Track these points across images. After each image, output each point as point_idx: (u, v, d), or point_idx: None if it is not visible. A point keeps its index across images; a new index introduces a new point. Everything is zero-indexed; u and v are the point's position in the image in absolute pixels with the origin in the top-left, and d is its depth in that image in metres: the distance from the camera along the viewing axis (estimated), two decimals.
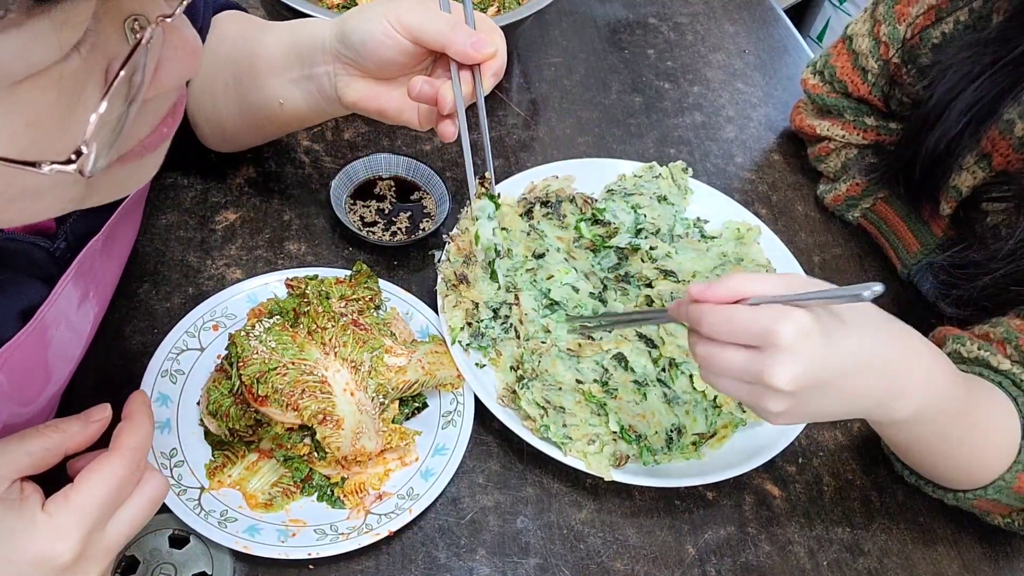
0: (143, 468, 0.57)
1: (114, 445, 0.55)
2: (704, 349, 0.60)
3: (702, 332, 0.60)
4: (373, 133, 1.06)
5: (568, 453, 0.76)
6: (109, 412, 0.57)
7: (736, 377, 0.60)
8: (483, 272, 0.84)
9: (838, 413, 0.64)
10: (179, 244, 0.90)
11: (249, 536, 0.68)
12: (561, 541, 0.75)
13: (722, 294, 0.59)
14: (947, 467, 0.74)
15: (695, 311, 0.60)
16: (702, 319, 0.59)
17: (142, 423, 0.57)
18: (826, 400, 0.60)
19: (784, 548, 0.77)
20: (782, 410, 0.59)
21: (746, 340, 0.58)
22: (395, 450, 0.76)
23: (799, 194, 1.10)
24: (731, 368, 0.59)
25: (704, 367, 0.61)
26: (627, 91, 1.19)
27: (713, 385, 0.63)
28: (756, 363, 0.57)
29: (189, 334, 0.80)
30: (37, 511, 0.52)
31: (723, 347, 0.59)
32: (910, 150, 0.90)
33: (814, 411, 0.63)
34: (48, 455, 0.54)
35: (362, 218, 0.93)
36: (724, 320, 0.58)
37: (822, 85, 1.05)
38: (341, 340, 0.74)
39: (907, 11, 0.93)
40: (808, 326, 0.56)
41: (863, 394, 0.62)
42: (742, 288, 0.58)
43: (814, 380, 0.57)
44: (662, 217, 0.94)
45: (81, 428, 0.56)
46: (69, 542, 0.51)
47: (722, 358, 0.59)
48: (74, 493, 0.53)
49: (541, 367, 0.80)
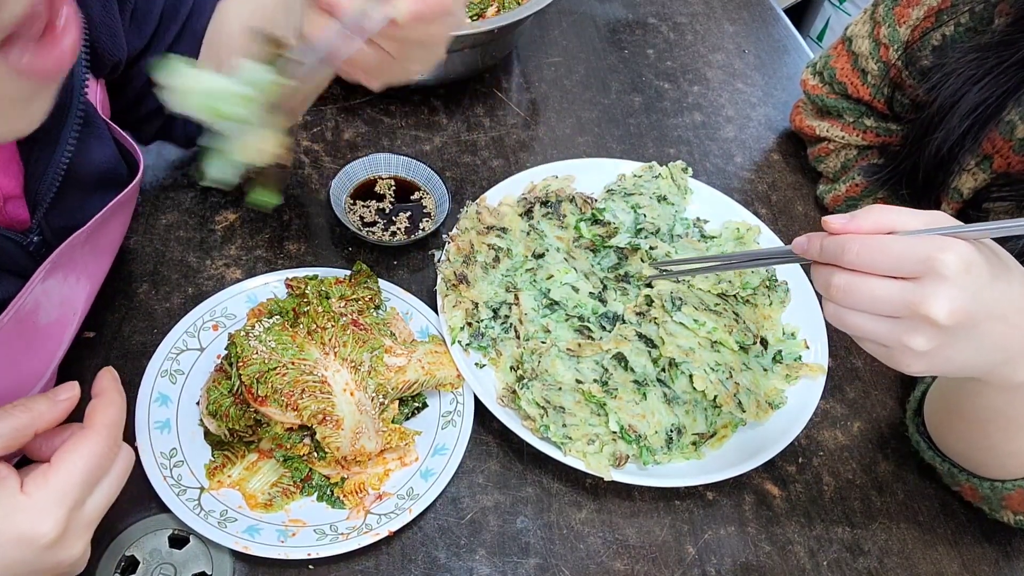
0: (119, 444, 0.57)
1: (88, 423, 0.56)
2: (845, 279, 0.56)
3: (845, 262, 0.56)
4: (373, 133, 1.06)
5: (568, 453, 0.76)
6: (77, 390, 0.57)
7: (880, 311, 0.56)
8: None
9: (972, 365, 0.60)
10: (179, 244, 0.90)
11: (249, 536, 0.68)
12: (561, 541, 0.75)
13: (868, 225, 0.56)
14: (1011, 450, 0.71)
15: (836, 241, 0.57)
16: (847, 248, 0.56)
17: (113, 400, 0.57)
18: (969, 345, 0.57)
19: (784, 548, 0.77)
20: (928, 349, 0.56)
21: (902, 270, 0.55)
22: (395, 450, 0.76)
23: (799, 194, 1.10)
24: (878, 300, 0.56)
25: (843, 300, 0.57)
26: (627, 91, 1.19)
27: (844, 324, 0.59)
28: (911, 293, 0.54)
29: (189, 334, 0.80)
30: (16, 492, 0.52)
31: (869, 278, 0.56)
32: (913, 153, 0.90)
33: (954, 357, 0.58)
34: (18, 435, 0.54)
35: (362, 218, 0.93)
36: (878, 248, 0.55)
37: (822, 86, 1.05)
38: (341, 340, 0.74)
39: (907, 13, 0.93)
40: (972, 257, 0.54)
41: (1003, 345, 0.58)
42: (888, 220, 0.56)
43: (971, 316, 0.54)
44: (662, 217, 0.94)
45: (49, 407, 0.55)
46: (52, 521, 0.52)
47: (868, 288, 0.56)
48: (53, 473, 0.53)
49: (541, 367, 0.80)
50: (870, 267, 0.56)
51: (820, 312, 0.90)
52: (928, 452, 0.80)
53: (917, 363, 0.58)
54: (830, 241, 0.58)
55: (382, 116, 1.08)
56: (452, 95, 1.13)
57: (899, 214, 0.56)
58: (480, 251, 0.88)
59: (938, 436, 0.79)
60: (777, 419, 0.81)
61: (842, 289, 0.57)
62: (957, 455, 0.77)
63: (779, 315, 0.91)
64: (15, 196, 0.62)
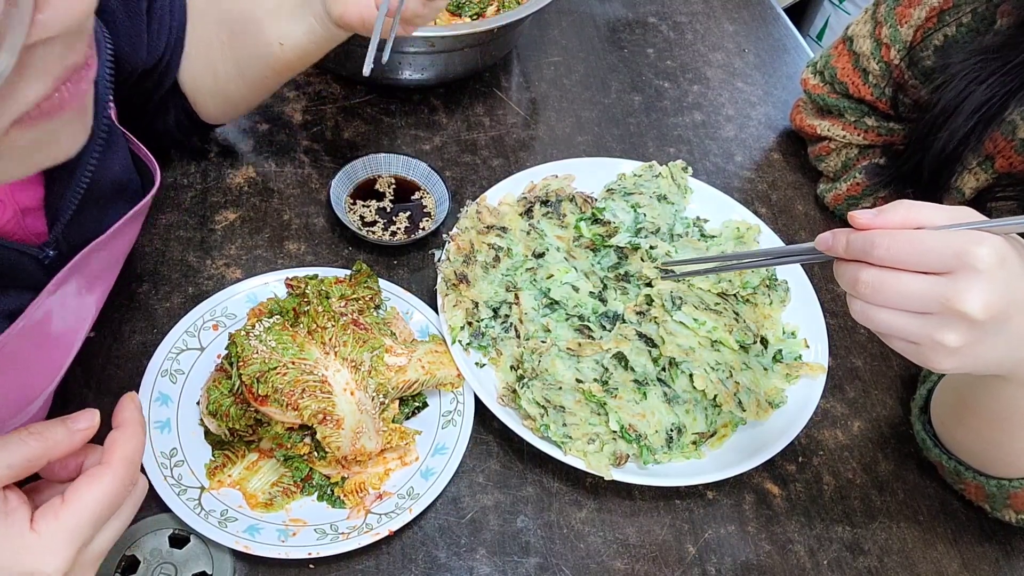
0: (135, 480, 0.54)
1: (107, 457, 0.52)
2: (875, 275, 0.56)
3: (874, 257, 0.56)
4: (373, 132, 1.06)
5: (568, 452, 0.76)
6: (97, 420, 0.53)
7: (911, 308, 0.56)
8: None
9: (1001, 362, 0.59)
10: (179, 244, 0.90)
11: (249, 536, 0.68)
12: (561, 540, 0.75)
13: (896, 221, 0.55)
14: (1022, 448, 0.71)
15: (864, 237, 0.56)
16: (876, 243, 0.55)
17: (135, 433, 0.54)
18: (1000, 341, 0.56)
19: (784, 547, 0.77)
20: (960, 345, 0.55)
21: (933, 265, 0.54)
22: (395, 449, 0.76)
23: (799, 193, 1.10)
24: (909, 295, 0.55)
25: (872, 297, 0.57)
26: (627, 90, 1.19)
27: (872, 321, 0.58)
28: (943, 288, 0.53)
29: (189, 334, 0.80)
30: (26, 528, 0.49)
31: (899, 274, 0.55)
32: (916, 153, 0.90)
33: (985, 354, 0.57)
34: (30, 465, 0.50)
35: (362, 217, 0.93)
36: (908, 242, 0.54)
37: (822, 85, 1.05)
38: (341, 339, 0.74)
39: (909, 12, 0.93)
40: (1005, 252, 0.53)
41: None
42: (915, 216, 0.55)
43: (1005, 311, 0.54)
44: (662, 216, 0.94)
45: (66, 436, 0.52)
46: (60, 560, 0.49)
47: (899, 284, 0.55)
48: (65, 511, 0.50)
49: (541, 366, 0.80)
50: (900, 262, 0.55)
51: (820, 311, 0.90)
52: (934, 450, 0.80)
53: (948, 360, 0.57)
54: (857, 236, 0.57)
55: (382, 115, 1.08)
56: (452, 94, 1.13)
57: (926, 209, 0.56)
58: (480, 250, 0.88)
59: (946, 433, 0.79)
60: (777, 418, 0.81)
61: (871, 285, 0.56)
62: (965, 452, 0.77)
63: (779, 314, 0.91)
64: (34, 208, 0.61)
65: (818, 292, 0.91)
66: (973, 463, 0.76)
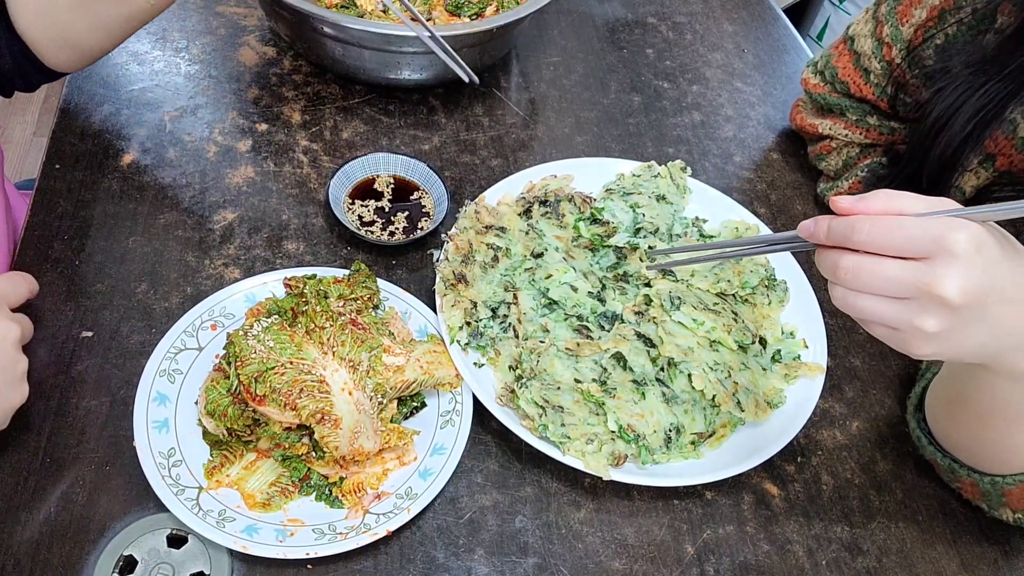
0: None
1: None
2: (855, 260, 0.57)
3: (855, 242, 0.57)
4: (371, 132, 1.06)
5: (567, 452, 0.76)
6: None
7: (890, 293, 0.56)
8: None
9: (982, 349, 0.60)
10: (177, 244, 0.90)
11: (247, 536, 0.68)
12: (560, 540, 0.75)
13: (876, 207, 0.56)
14: (1015, 443, 0.71)
15: (845, 222, 0.57)
16: (857, 228, 0.56)
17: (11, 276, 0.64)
18: (980, 328, 0.57)
19: (783, 547, 0.77)
20: (938, 330, 0.56)
21: (912, 250, 0.55)
22: (393, 449, 0.75)
23: (798, 193, 1.10)
24: (888, 280, 0.56)
25: (852, 282, 0.57)
26: (626, 90, 1.19)
27: (852, 307, 0.59)
28: (922, 273, 0.54)
29: (187, 333, 0.80)
30: None
31: (879, 259, 0.56)
32: (917, 157, 0.89)
33: (964, 340, 0.58)
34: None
35: (360, 217, 0.93)
36: (888, 228, 0.55)
37: (823, 85, 1.05)
38: (339, 339, 0.74)
39: (910, 12, 0.93)
40: (983, 238, 0.54)
41: (1014, 329, 0.58)
42: (895, 203, 0.56)
43: (982, 296, 0.55)
44: (661, 216, 0.94)
45: None
46: None
47: (878, 269, 0.56)
48: None
49: (540, 366, 0.80)
50: (880, 247, 0.56)
51: (819, 311, 0.90)
52: (929, 447, 0.80)
53: (927, 345, 0.58)
54: (839, 222, 0.58)
55: (381, 115, 1.08)
56: (451, 94, 1.13)
57: (906, 198, 0.57)
58: (479, 250, 0.88)
59: (940, 430, 0.79)
60: (776, 418, 0.81)
61: (851, 271, 0.57)
62: (958, 450, 0.77)
63: (778, 314, 0.91)
64: None
65: (817, 292, 0.91)
66: (967, 460, 0.76)
